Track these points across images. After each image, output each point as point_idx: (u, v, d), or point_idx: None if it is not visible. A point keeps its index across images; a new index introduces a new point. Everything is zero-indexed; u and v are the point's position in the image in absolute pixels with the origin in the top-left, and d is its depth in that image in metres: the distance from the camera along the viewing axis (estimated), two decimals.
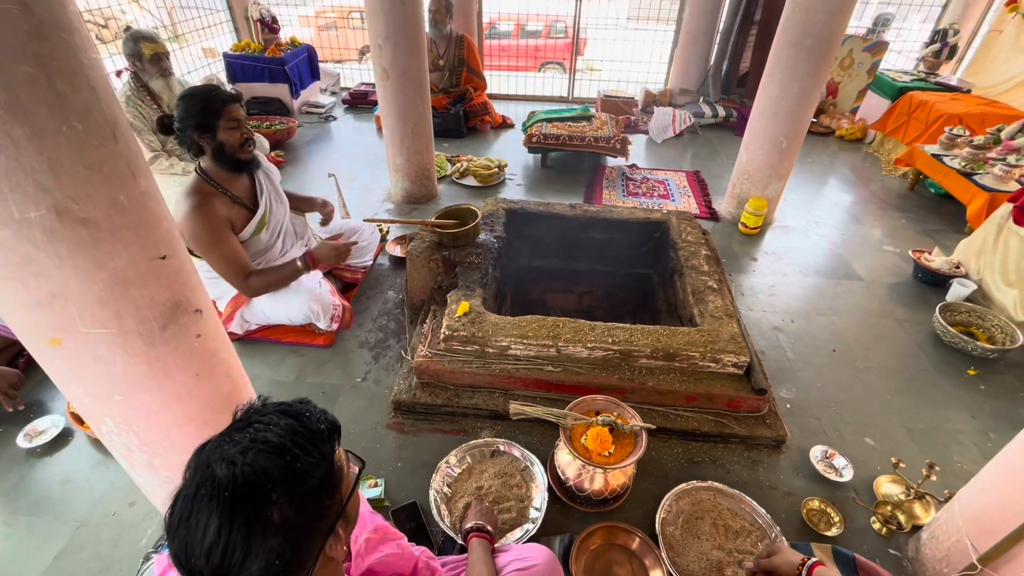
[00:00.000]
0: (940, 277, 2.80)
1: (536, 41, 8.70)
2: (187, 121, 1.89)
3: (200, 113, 1.87)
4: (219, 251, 1.98)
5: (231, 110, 1.91)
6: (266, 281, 2.12)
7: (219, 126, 1.90)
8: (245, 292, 2.11)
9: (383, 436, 1.95)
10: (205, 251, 1.99)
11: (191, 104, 1.88)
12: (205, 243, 1.96)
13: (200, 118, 1.88)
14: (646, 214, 2.78)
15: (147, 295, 1.02)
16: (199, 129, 1.90)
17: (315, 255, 2.16)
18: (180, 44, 5.20)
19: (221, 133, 1.92)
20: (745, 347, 1.92)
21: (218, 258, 2.00)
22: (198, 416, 1.21)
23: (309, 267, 2.15)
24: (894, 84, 4.53)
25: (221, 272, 2.05)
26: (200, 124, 1.89)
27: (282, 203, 2.33)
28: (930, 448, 1.97)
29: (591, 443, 1.56)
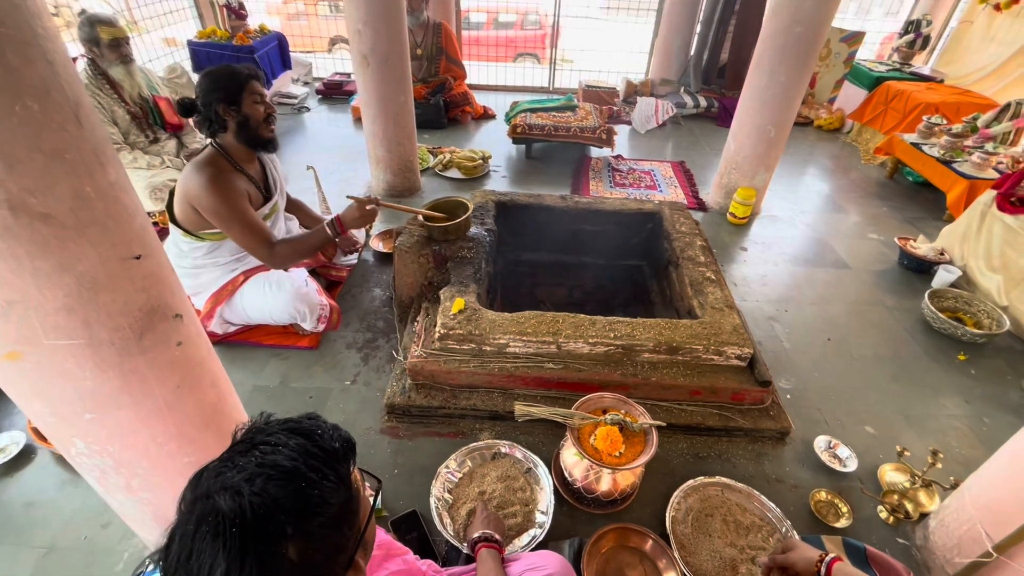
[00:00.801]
0: (925, 264, 2.84)
1: (509, 32, 8.58)
2: (213, 94, 1.82)
3: (226, 85, 1.82)
4: (243, 221, 1.88)
5: (254, 85, 1.87)
6: (293, 248, 2.01)
7: (244, 99, 1.85)
8: (271, 262, 1.99)
9: (377, 442, 1.85)
10: (226, 223, 1.87)
11: (217, 77, 1.83)
12: (226, 214, 1.85)
13: (226, 90, 1.82)
14: (638, 205, 2.73)
15: (120, 300, 0.90)
16: (225, 101, 1.83)
17: (343, 219, 2.03)
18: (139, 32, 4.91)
19: (246, 107, 1.86)
20: (748, 339, 1.89)
21: (242, 229, 1.89)
22: (180, 432, 1.10)
23: (338, 233, 2.03)
24: (870, 74, 4.59)
25: (245, 244, 1.94)
26: (226, 96, 1.82)
27: (283, 197, 2.24)
28: (928, 435, 1.98)
29: (601, 443, 1.50)
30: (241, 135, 1.90)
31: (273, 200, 2.09)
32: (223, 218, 1.85)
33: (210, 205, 1.83)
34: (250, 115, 1.87)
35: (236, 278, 2.13)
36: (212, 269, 2.11)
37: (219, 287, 2.13)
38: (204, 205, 1.83)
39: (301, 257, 2.06)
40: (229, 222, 1.86)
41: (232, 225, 1.87)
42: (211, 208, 1.83)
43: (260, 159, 2.11)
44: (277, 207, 2.12)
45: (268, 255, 1.94)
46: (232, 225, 1.87)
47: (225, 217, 1.85)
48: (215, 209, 1.83)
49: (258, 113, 1.89)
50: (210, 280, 2.14)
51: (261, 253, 1.94)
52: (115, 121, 3.02)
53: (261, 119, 1.90)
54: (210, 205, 1.83)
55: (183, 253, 2.08)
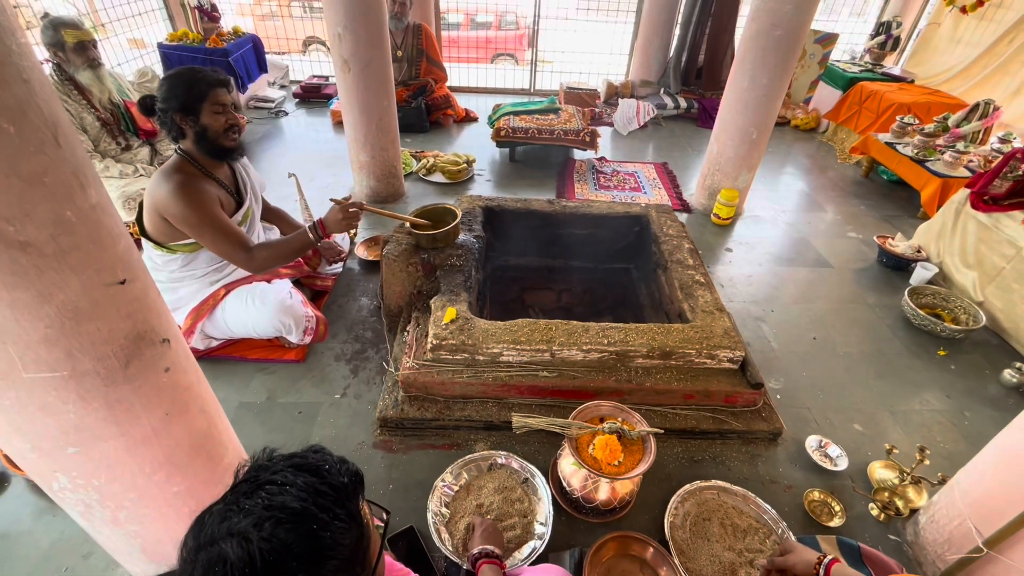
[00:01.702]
0: (904, 261, 2.91)
1: (487, 33, 8.54)
2: (169, 102, 1.74)
3: (184, 94, 1.73)
4: (215, 227, 1.81)
5: (217, 94, 1.77)
6: (273, 253, 1.94)
7: (203, 109, 1.76)
8: (249, 267, 1.93)
9: (370, 457, 1.81)
10: (198, 230, 1.80)
11: (175, 84, 1.73)
12: (196, 221, 1.78)
13: (183, 99, 1.73)
14: (625, 208, 2.74)
15: (105, 328, 0.86)
16: (181, 111, 1.75)
17: (325, 222, 1.96)
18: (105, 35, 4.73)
19: (205, 117, 1.77)
20: (740, 341, 1.91)
21: (215, 235, 1.82)
22: (169, 461, 1.06)
23: (320, 237, 1.97)
24: (844, 75, 4.69)
25: (220, 250, 1.87)
26: (183, 106, 1.74)
27: (258, 204, 2.18)
28: (914, 430, 2.03)
29: (599, 452, 1.49)
30: (200, 145, 1.82)
31: (245, 205, 2.02)
32: (193, 225, 1.78)
33: (179, 212, 1.75)
34: (208, 126, 1.78)
35: (217, 292, 2.07)
36: (190, 282, 2.04)
37: (199, 301, 2.06)
38: (173, 213, 1.76)
39: (281, 262, 2.00)
40: (200, 228, 1.79)
41: (204, 231, 1.80)
42: (180, 215, 1.76)
43: (233, 168, 2.04)
44: (251, 213, 2.05)
45: (246, 260, 1.88)
46: (204, 231, 1.80)
47: (195, 224, 1.78)
48: (184, 216, 1.76)
49: (218, 124, 1.79)
50: (188, 294, 2.07)
51: (238, 258, 1.88)
52: (84, 128, 2.91)
53: (221, 130, 1.81)
54: (179, 212, 1.75)
55: (158, 267, 2.01)
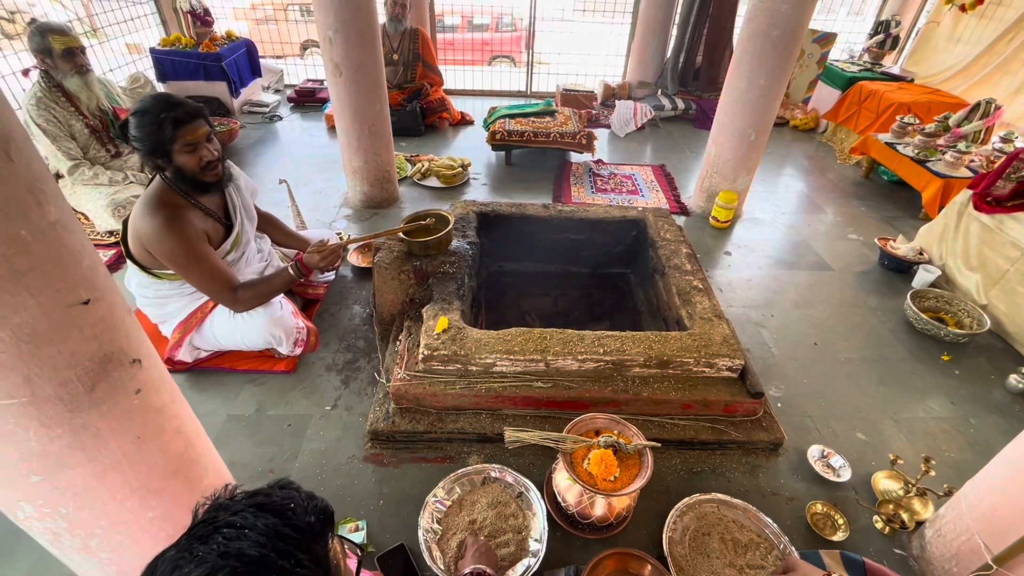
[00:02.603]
0: (905, 264, 2.86)
1: (484, 35, 8.51)
2: (140, 143, 1.67)
3: (151, 136, 1.65)
4: (200, 269, 1.77)
5: (186, 133, 1.67)
6: (257, 293, 1.92)
7: (174, 151, 1.69)
8: (233, 307, 1.92)
9: (360, 471, 1.77)
10: (184, 269, 1.77)
11: (141, 124, 1.65)
12: (183, 261, 1.74)
13: (152, 143, 1.66)
14: (621, 212, 2.69)
15: (67, 351, 0.82)
16: (152, 155, 1.69)
17: (306, 262, 1.95)
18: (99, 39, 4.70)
19: (178, 157, 1.70)
20: (739, 349, 1.86)
21: (200, 275, 1.79)
22: (143, 486, 1.01)
23: (302, 274, 1.96)
24: (843, 74, 4.65)
25: (205, 290, 1.85)
26: (153, 150, 1.68)
27: (251, 220, 2.12)
28: (918, 438, 1.98)
29: (595, 468, 1.44)
30: (180, 181, 1.76)
31: (235, 231, 1.97)
32: (180, 265, 1.75)
33: (165, 252, 1.72)
34: (183, 165, 1.71)
35: (205, 304, 2.02)
36: (178, 299, 1.99)
37: (187, 315, 2.02)
38: (159, 252, 1.72)
39: (264, 300, 1.97)
40: (187, 269, 1.76)
41: (190, 272, 1.77)
42: (166, 254, 1.72)
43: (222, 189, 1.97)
44: (241, 237, 2.00)
45: (230, 300, 1.87)
46: (190, 272, 1.77)
47: (182, 264, 1.75)
48: (170, 255, 1.72)
49: (192, 163, 1.71)
50: (176, 309, 2.02)
51: (223, 299, 1.87)
52: (73, 135, 2.87)
53: (196, 168, 1.73)
54: (165, 252, 1.72)
55: (144, 285, 1.96)
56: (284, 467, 1.77)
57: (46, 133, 2.75)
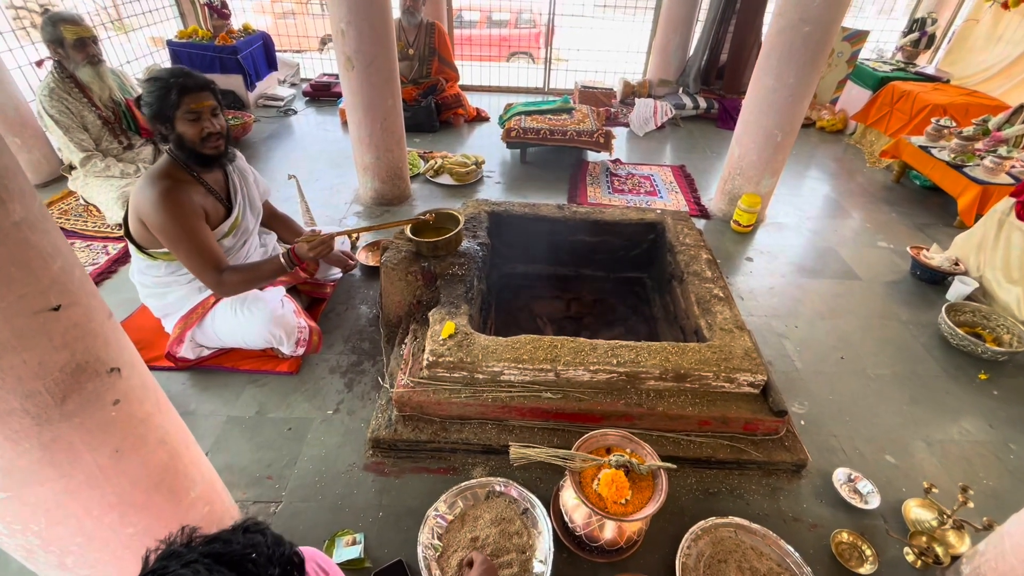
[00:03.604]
0: (939, 275, 2.71)
1: (503, 31, 8.43)
2: (147, 108, 1.68)
3: (157, 101, 1.66)
4: (190, 244, 1.73)
5: (191, 101, 1.67)
6: (243, 278, 1.85)
7: (177, 117, 1.68)
8: (218, 290, 1.85)
9: (360, 480, 1.70)
10: (173, 244, 1.73)
11: (150, 90, 1.67)
12: (173, 235, 1.70)
13: (157, 107, 1.66)
14: (639, 215, 2.59)
15: (34, 360, 0.75)
16: (157, 119, 1.69)
17: (298, 252, 1.86)
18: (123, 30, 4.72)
19: (179, 125, 1.69)
20: (761, 364, 1.75)
21: (188, 251, 1.74)
22: (121, 501, 0.95)
23: (293, 264, 1.87)
24: (875, 74, 4.46)
25: (191, 267, 1.79)
26: (156, 114, 1.67)
27: (255, 212, 2.07)
28: (953, 464, 1.85)
29: (605, 489, 1.36)
30: (181, 152, 1.75)
31: (234, 214, 1.92)
32: (170, 237, 1.70)
33: (157, 222, 1.68)
34: (183, 133, 1.70)
35: (207, 299, 1.98)
36: (177, 288, 1.96)
37: (188, 309, 1.98)
38: (152, 222, 1.69)
39: (252, 287, 1.91)
40: (176, 242, 1.71)
41: (179, 246, 1.72)
42: (158, 225, 1.69)
43: (227, 173, 1.95)
44: (239, 223, 1.95)
45: (215, 282, 1.80)
46: (179, 246, 1.72)
47: (172, 236, 1.70)
48: (161, 226, 1.69)
49: (192, 132, 1.69)
50: (177, 300, 1.98)
51: (208, 279, 1.79)
52: (85, 127, 2.86)
53: (197, 139, 1.71)
54: (157, 222, 1.68)
55: (143, 271, 1.93)
56: (283, 473, 1.71)
57: (58, 124, 2.73)
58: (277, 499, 1.64)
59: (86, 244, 2.79)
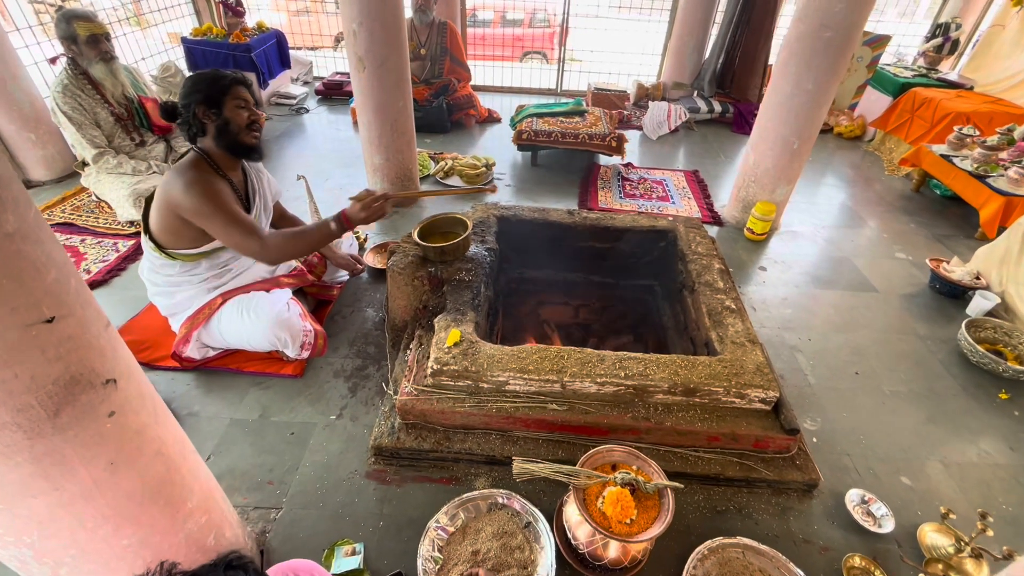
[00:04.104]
0: (959, 288, 2.64)
1: (517, 30, 8.41)
2: (193, 96, 1.72)
3: (208, 87, 1.72)
4: (227, 216, 1.73)
5: (240, 90, 1.78)
6: (289, 242, 1.83)
7: (226, 103, 1.75)
8: (263, 256, 1.81)
9: (362, 488, 1.68)
10: (209, 219, 1.73)
11: (199, 79, 1.74)
12: (208, 211, 1.71)
13: (207, 92, 1.72)
14: (650, 221, 2.54)
15: (26, 374, 0.74)
16: (205, 103, 1.73)
17: (348, 214, 1.83)
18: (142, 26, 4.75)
19: (228, 111, 1.76)
20: (774, 380, 1.70)
21: (227, 224, 1.74)
22: (116, 513, 0.94)
23: (344, 229, 1.85)
24: (896, 80, 4.37)
25: (233, 240, 1.77)
26: (207, 98, 1.72)
27: (267, 214, 2.08)
28: (971, 487, 1.79)
29: (609, 508, 1.32)
30: (221, 140, 1.78)
31: (252, 214, 1.93)
32: (206, 215, 1.71)
33: (191, 204, 1.69)
34: (231, 119, 1.76)
35: (214, 300, 1.97)
36: (187, 287, 1.95)
37: (195, 309, 1.97)
38: (186, 205, 1.70)
39: (298, 254, 1.91)
40: (212, 218, 1.71)
41: (215, 220, 1.72)
42: (193, 207, 1.70)
43: (243, 169, 1.96)
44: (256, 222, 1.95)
45: (259, 249, 1.77)
46: (215, 220, 1.72)
47: (208, 213, 1.71)
48: (197, 207, 1.69)
49: (240, 118, 1.77)
50: (185, 300, 1.98)
51: (252, 246, 1.77)
52: (98, 123, 2.87)
53: (243, 124, 1.78)
54: (191, 204, 1.69)
55: (155, 269, 1.93)
56: (284, 479, 1.70)
57: (71, 121, 2.75)
58: (278, 505, 1.63)
59: (97, 241, 2.80)
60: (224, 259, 1.98)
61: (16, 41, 3.16)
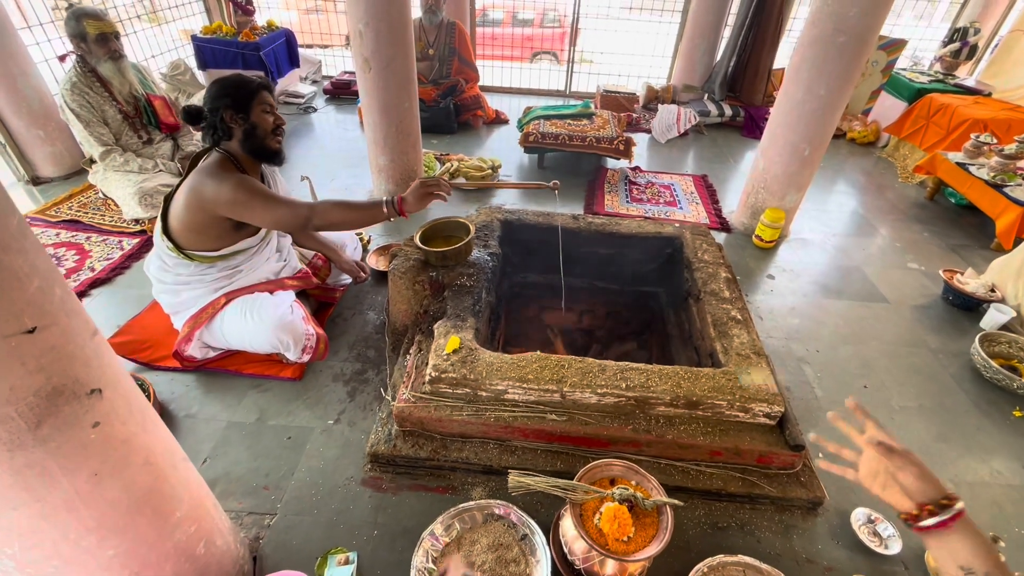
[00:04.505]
0: (973, 301, 2.57)
1: (528, 30, 8.39)
2: (221, 99, 1.75)
3: (236, 92, 1.76)
4: (265, 198, 1.76)
5: (265, 95, 1.82)
6: (338, 213, 1.84)
7: (253, 107, 1.78)
8: (314, 221, 1.81)
9: (357, 495, 1.66)
10: (247, 205, 1.74)
11: (227, 84, 1.77)
12: (245, 197, 1.72)
13: (236, 96, 1.76)
14: (656, 228, 2.50)
15: (5, 386, 0.72)
16: (233, 108, 1.76)
17: (406, 198, 1.84)
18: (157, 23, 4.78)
19: (255, 115, 1.79)
20: (779, 394, 1.66)
21: (267, 203, 1.75)
22: (100, 524, 0.92)
23: (396, 213, 1.85)
24: (911, 85, 4.29)
25: (278, 216, 1.79)
26: (235, 103, 1.76)
27: None
28: (982, 508, 1.74)
29: (606, 525, 1.29)
30: (247, 144, 1.81)
31: None
32: (243, 201, 1.72)
33: (229, 196, 1.71)
34: (258, 124, 1.79)
35: (217, 300, 1.96)
36: (196, 286, 1.96)
37: (199, 308, 1.97)
38: (223, 199, 1.71)
39: (343, 223, 1.89)
40: (250, 203, 1.73)
41: (254, 204, 1.73)
42: (229, 198, 1.71)
43: (263, 173, 1.99)
44: None
45: (307, 214, 1.79)
46: (254, 204, 1.73)
47: (245, 200, 1.72)
48: (232, 197, 1.71)
49: (267, 123, 1.81)
50: (191, 299, 1.98)
51: (299, 214, 1.78)
52: (106, 121, 2.88)
53: (269, 129, 1.82)
54: (229, 196, 1.71)
55: (167, 267, 1.94)
56: (279, 484, 1.68)
57: (79, 118, 2.75)
58: (273, 511, 1.61)
59: (102, 238, 2.81)
60: (238, 261, 1.99)
61: (27, 38, 3.19)
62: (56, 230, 2.85)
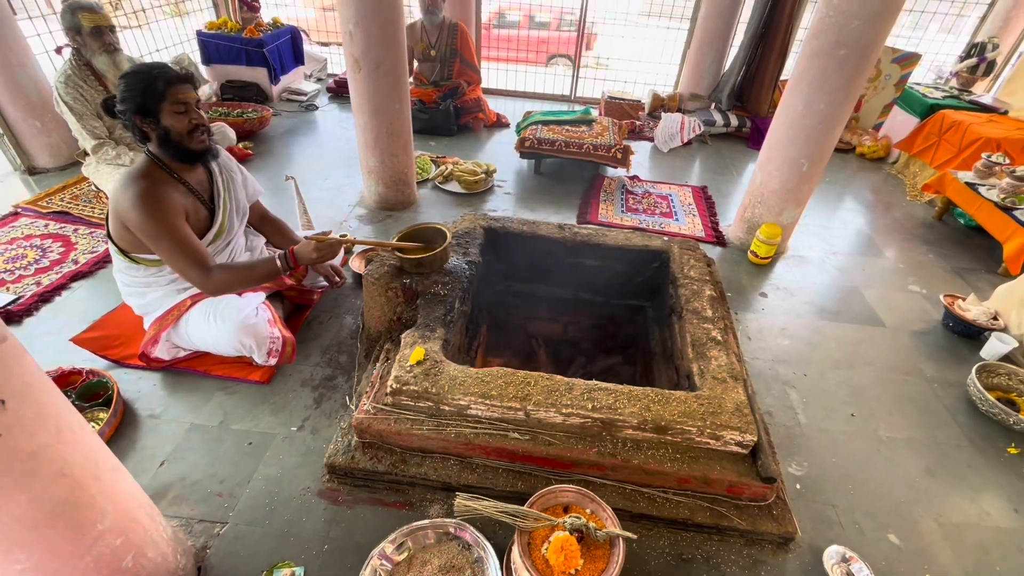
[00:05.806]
0: (974, 328, 2.47)
1: (545, 33, 8.35)
2: (127, 103, 1.61)
3: (141, 94, 1.60)
4: (172, 242, 1.66)
5: (177, 92, 1.63)
6: (234, 278, 1.79)
7: (163, 110, 1.63)
8: (205, 288, 1.77)
9: (312, 507, 1.62)
10: (155, 243, 1.67)
11: (131, 84, 1.60)
12: (153, 233, 1.64)
13: (140, 100, 1.60)
14: (644, 240, 2.44)
15: None
16: (140, 113, 1.62)
17: (297, 254, 1.80)
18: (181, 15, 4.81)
19: (165, 118, 1.64)
20: (753, 422, 1.59)
21: (171, 250, 1.67)
22: (5, 538, 0.89)
23: (289, 268, 1.81)
24: (924, 100, 4.16)
25: (176, 266, 1.73)
26: (140, 107, 1.61)
27: (240, 214, 2.02)
28: (967, 551, 1.65)
29: (553, 556, 1.23)
30: (165, 148, 1.69)
31: (218, 219, 1.88)
32: (151, 236, 1.64)
33: (137, 222, 1.63)
34: (171, 127, 1.65)
35: (183, 302, 1.93)
36: (156, 288, 1.92)
37: (164, 310, 1.94)
38: (132, 222, 1.64)
39: (242, 287, 1.85)
40: (158, 240, 1.65)
41: (161, 244, 1.65)
42: (138, 225, 1.63)
43: (212, 171, 1.90)
44: (225, 225, 1.91)
45: (201, 279, 1.72)
46: (161, 244, 1.65)
47: (153, 235, 1.64)
48: (141, 226, 1.63)
49: (180, 124, 1.65)
50: (156, 300, 1.95)
51: (193, 276, 1.72)
52: (99, 114, 2.88)
53: (185, 132, 1.66)
54: (137, 222, 1.63)
55: (120, 270, 1.91)
56: (234, 491, 1.64)
57: (72, 111, 2.76)
58: (224, 519, 1.57)
59: (89, 231, 2.81)
60: None
61: (27, 29, 3.21)
62: (45, 221, 2.86)
